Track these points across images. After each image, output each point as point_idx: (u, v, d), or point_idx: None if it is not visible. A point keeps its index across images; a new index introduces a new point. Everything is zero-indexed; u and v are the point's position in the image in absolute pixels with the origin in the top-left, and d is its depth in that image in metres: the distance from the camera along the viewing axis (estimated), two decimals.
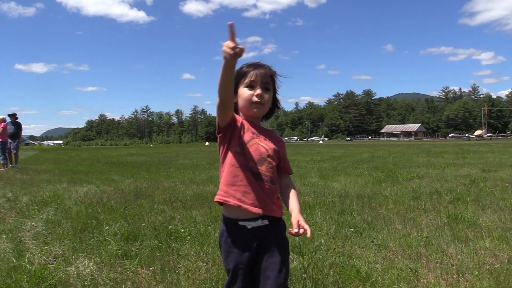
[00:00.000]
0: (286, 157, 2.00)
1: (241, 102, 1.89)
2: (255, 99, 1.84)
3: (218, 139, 1.90)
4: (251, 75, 1.85)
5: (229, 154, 1.82)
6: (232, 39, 1.49)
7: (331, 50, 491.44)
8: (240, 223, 1.80)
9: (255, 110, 1.86)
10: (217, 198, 1.85)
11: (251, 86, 1.86)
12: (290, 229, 1.75)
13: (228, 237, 1.83)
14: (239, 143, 1.82)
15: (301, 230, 1.73)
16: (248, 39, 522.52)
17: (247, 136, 1.84)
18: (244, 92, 1.86)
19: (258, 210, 1.79)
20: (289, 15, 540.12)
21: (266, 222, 1.81)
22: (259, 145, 1.85)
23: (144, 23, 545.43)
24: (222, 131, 1.83)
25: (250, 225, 1.79)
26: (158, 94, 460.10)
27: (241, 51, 1.51)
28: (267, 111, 1.97)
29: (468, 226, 4.69)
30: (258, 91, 1.84)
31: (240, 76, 1.88)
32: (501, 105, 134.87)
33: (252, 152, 1.82)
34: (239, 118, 1.87)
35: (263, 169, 1.82)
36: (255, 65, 1.89)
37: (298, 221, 1.76)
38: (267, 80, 1.88)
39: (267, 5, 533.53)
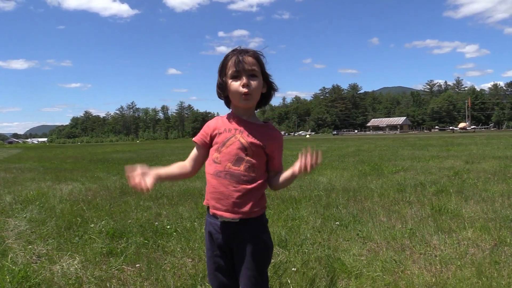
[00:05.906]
0: (275, 153, 1.85)
1: (230, 95, 1.80)
2: (242, 89, 1.72)
3: None
4: (233, 65, 1.74)
5: (207, 161, 1.86)
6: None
7: (317, 43, 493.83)
8: (217, 213, 1.82)
9: (243, 102, 1.76)
10: (204, 202, 1.91)
11: (235, 77, 1.75)
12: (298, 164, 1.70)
13: (209, 226, 1.88)
14: (216, 149, 1.82)
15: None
16: (234, 33, 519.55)
17: (223, 137, 1.80)
18: (231, 84, 1.75)
19: (231, 216, 1.77)
20: (276, 8, 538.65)
21: (236, 219, 1.77)
22: (236, 143, 1.78)
23: (128, 16, 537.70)
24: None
25: (221, 219, 1.80)
26: (143, 89, 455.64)
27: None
28: (262, 97, 1.86)
29: (451, 217, 4.77)
30: (244, 80, 1.72)
31: (224, 68, 1.79)
32: (484, 98, 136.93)
33: (228, 153, 1.77)
34: (213, 129, 1.85)
35: (241, 169, 1.76)
36: (237, 52, 1.77)
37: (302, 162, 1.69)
38: (252, 67, 1.74)
39: None
